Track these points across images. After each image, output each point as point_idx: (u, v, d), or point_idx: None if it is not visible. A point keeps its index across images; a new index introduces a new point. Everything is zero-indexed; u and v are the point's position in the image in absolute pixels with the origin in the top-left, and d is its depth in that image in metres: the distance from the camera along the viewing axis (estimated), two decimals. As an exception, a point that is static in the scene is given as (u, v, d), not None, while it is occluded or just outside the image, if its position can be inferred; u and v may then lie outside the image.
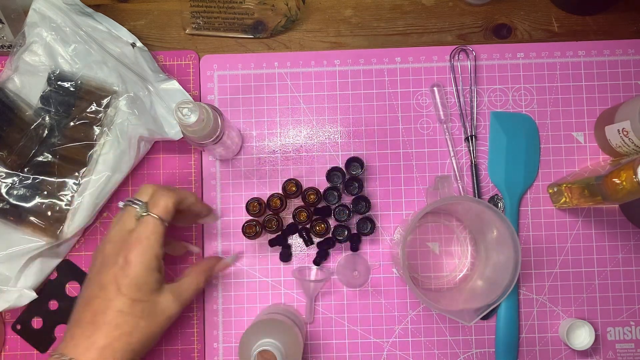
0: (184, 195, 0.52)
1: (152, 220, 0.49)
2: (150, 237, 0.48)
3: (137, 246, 0.48)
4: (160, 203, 0.49)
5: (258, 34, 0.68)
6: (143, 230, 0.48)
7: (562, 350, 0.63)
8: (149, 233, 0.48)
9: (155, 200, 0.50)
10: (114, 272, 0.47)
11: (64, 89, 0.61)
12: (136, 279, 0.47)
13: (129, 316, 0.47)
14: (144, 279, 0.48)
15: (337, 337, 0.63)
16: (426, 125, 0.66)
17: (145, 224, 0.49)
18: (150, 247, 0.48)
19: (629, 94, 0.66)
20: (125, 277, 0.47)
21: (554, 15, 0.68)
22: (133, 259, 0.47)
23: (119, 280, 0.47)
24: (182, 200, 0.52)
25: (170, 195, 0.50)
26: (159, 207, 0.49)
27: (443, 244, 0.65)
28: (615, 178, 0.52)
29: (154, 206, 0.49)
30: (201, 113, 0.50)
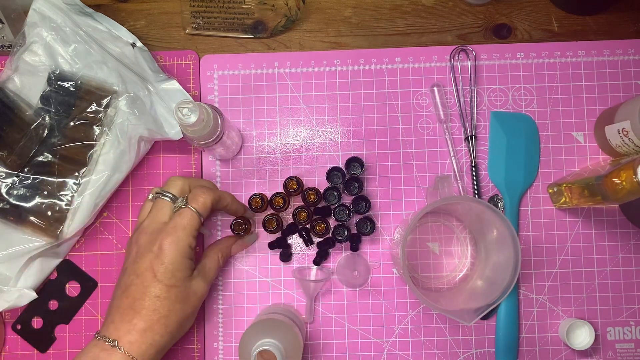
0: (221, 194, 0.55)
1: (190, 213, 0.51)
2: (186, 227, 0.51)
3: (173, 235, 0.51)
4: (200, 199, 0.52)
5: (258, 34, 0.68)
6: (180, 221, 0.51)
7: (562, 350, 0.63)
8: (185, 223, 0.51)
9: (194, 195, 0.53)
10: (150, 259, 0.50)
11: (64, 89, 0.61)
12: (171, 266, 0.50)
13: (165, 300, 0.50)
14: (177, 265, 0.50)
15: (337, 337, 0.63)
16: (426, 125, 0.66)
17: (182, 215, 0.51)
18: (185, 236, 0.51)
19: (629, 94, 0.66)
20: (161, 265, 0.50)
21: (554, 15, 0.68)
22: (167, 246, 0.50)
23: (155, 267, 0.50)
24: (219, 199, 0.55)
25: (209, 193, 0.53)
26: (198, 202, 0.52)
27: (443, 244, 0.65)
28: (615, 178, 0.52)
29: (193, 200, 0.52)
30: (201, 113, 0.50)
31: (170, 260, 0.50)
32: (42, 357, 0.63)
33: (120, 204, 0.65)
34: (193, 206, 0.52)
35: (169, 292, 0.50)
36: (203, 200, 0.52)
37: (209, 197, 0.53)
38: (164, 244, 0.50)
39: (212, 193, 0.53)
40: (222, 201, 0.55)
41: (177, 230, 0.51)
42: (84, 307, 0.64)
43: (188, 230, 0.51)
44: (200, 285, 0.54)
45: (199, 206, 0.52)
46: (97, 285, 0.64)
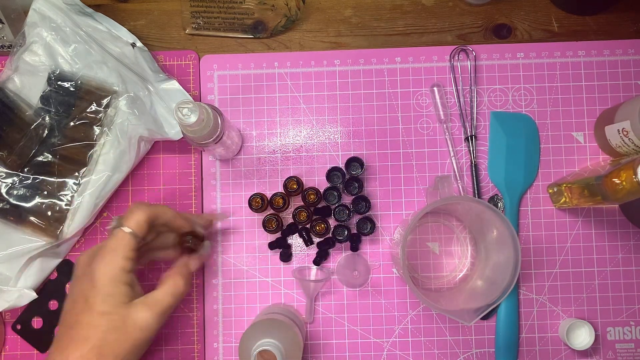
0: (160, 210, 0.51)
1: (121, 234, 0.48)
2: (117, 249, 0.47)
3: (104, 258, 0.47)
4: (133, 217, 0.49)
5: (258, 34, 0.68)
6: (110, 243, 0.48)
7: (562, 350, 0.63)
8: (115, 245, 0.48)
9: (128, 213, 0.50)
10: (83, 284, 0.47)
11: (64, 89, 0.61)
12: (102, 291, 0.46)
13: (96, 329, 0.45)
14: (109, 290, 0.46)
15: (337, 337, 0.63)
16: (426, 125, 0.66)
17: (113, 237, 0.48)
18: (116, 259, 0.47)
19: (629, 94, 0.66)
20: (92, 289, 0.46)
21: (553, 15, 0.68)
22: (97, 270, 0.47)
23: (87, 292, 0.47)
24: (156, 215, 0.51)
25: (143, 210, 0.49)
26: (131, 220, 0.49)
27: (443, 244, 0.65)
28: (615, 178, 0.52)
29: (125, 219, 0.49)
30: (201, 113, 0.50)
31: (101, 285, 0.46)
32: (42, 357, 0.63)
33: (120, 204, 0.65)
34: (126, 225, 0.48)
35: (100, 320, 0.46)
36: (136, 218, 0.49)
37: (142, 213, 0.49)
38: (94, 267, 0.47)
39: (147, 209, 0.50)
40: (161, 217, 0.51)
41: (107, 252, 0.47)
42: (84, 307, 0.64)
43: (119, 252, 0.47)
44: (143, 315, 0.47)
45: (132, 225, 0.48)
46: (97, 285, 0.64)
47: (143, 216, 0.49)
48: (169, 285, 0.51)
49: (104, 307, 0.46)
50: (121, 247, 0.48)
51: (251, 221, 0.64)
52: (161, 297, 0.49)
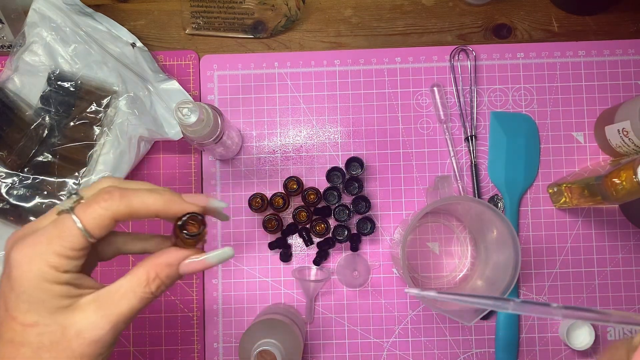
0: (138, 205, 0.33)
1: (69, 224, 0.32)
2: (53, 241, 0.32)
3: (29, 249, 0.32)
4: (94, 208, 0.32)
5: (258, 34, 0.68)
6: (48, 230, 0.32)
7: (562, 350, 0.63)
8: (54, 236, 0.32)
9: (91, 200, 0.33)
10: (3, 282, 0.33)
11: (64, 89, 0.61)
12: (24, 295, 0.31)
13: (23, 348, 0.32)
14: (34, 293, 0.31)
15: (337, 337, 0.63)
16: (426, 125, 0.66)
17: (56, 223, 0.32)
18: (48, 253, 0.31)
19: (629, 94, 0.66)
20: (11, 292, 0.32)
21: (554, 15, 0.68)
22: (17, 264, 0.32)
23: (6, 295, 0.32)
24: (131, 213, 0.33)
25: (113, 201, 0.33)
26: (88, 213, 0.32)
27: (443, 244, 0.65)
28: (615, 178, 0.52)
29: (85, 207, 0.32)
30: (201, 113, 0.50)
31: (22, 285, 0.31)
32: (42, 357, 0.63)
33: (120, 204, 0.65)
34: (79, 215, 0.32)
35: (27, 333, 0.32)
36: (98, 212, 0.32)
37: (110, 207, 0.32)
38: (12, 260, 0.32)
39: (119, 203, 0.33)
40: (140, 213, 0.34)
41: (38, 242, 0.32)
42: (84, 307, 0.64)
43: (56, 246, 0.31)
44: (90, 321, 0.32)
45: (89, 218, 0.32)
46: (97, 285, 0.64)
47: (108, 214, 0.32)
48: (136, 279, 0.34)
49: (30, 317, 0.32)
50: (60, 240, 0.32)
51: (251, 221, 0.64)
52: (120, 294, 0.34)
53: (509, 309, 0.36)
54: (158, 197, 0.34)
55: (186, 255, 0.36)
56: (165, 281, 0.35)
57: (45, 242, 0.32)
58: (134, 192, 0.33)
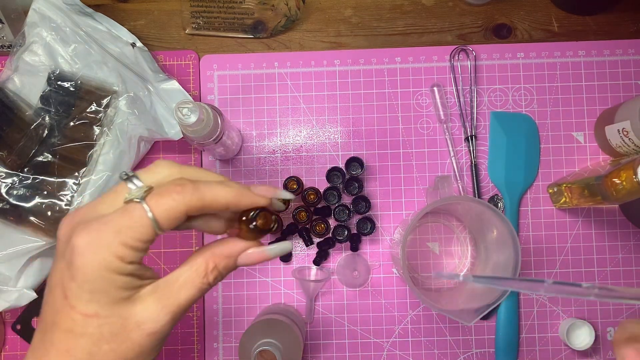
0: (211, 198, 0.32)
1: (140, 213, 0.31)
2: (122, 231, 0.30)
3: (94, 236, 0.30)
4: (167, 199, 0.31)
5: (258, 34, 0.68)
6: (117, 219, 0.31)
7: (562, 350, 0.63)
8: (124, 226, 0.30)
9: (163, 190, 0.31)
10: (61, 268, 0.31)
11: (64, 89, 0.61)
12: (87, 284, 0.30)
13: (82, 338, 0.31)
14: (99, 284, 0.30)
15: (337, 337, 0.63)
16: (426, 125, 0.66)
17: (126, 212, 0.31)
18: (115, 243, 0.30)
19: (629, 94, 0.66)
20: (72, 280, 0.30)
21: (554, 15, 0.68)
22: (80, 253, 0.30)
23: (65, 282, 0.31)
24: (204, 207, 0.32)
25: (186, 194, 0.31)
26: (161, 203, 0.31)
27: (443, 244, 0.65)
28: (615, 178, 0.52)
29: (156, 197, 0.31)
30: (201, 113, 0.50)
31: (85, 274, 0.30)
32: (42, 357, 0.63)
33: (120, 204, 0.65)
34: (151, 206, 0.31)
35: (87, 325, 0.31)
36: (171, 203, 0.31)
37: (183, 199, 0.31)
38: (76, 247, 0.30)
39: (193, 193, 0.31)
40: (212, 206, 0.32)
41: (105, 230, 0.30)
42: (84, 307, 0.64)
43: (124, 236, 0.30)
44: (150, 313, 0.32)
45: (161, 210, 0.31)
46: (97, 285, 0.64)
47: (182, 203, 0.31)
48: (194, 269, 0.34)
49: (92, 307, 0.31)
50: (130, 230, 0.30)
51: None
52: (179, 285, 0.33)
53: (540, 290, 0.36)
54: (229, 189, 0.33)
55: (247, 246, 0.35)
56: (223, 272, 0.35)
57: (113, 231, 0.30)
58: (205, 185, 0.32)
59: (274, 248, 0.36)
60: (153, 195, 0.31)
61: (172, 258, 0.64)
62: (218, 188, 0.33)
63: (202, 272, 0.33)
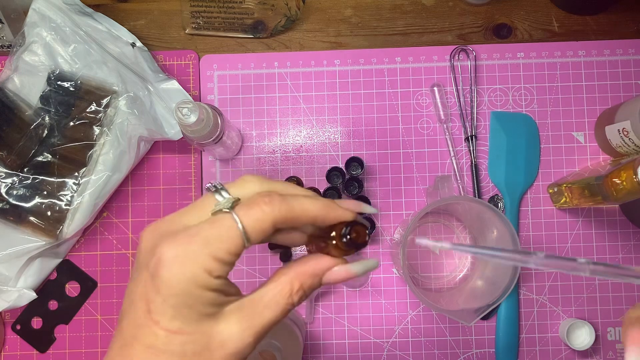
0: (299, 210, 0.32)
1: (229, 224, 0.30)
2: (211, 242, 0.29)
3: (182, 248, 0.29)
4: (256, 210, 0.30)
5: (258, 33, 0.68)
6: (206, 230, 0.30)
7: (562, 350, 0.63)
8: (213, 237, 0.29)
9: (252, 202, 0.31)
10: (145, 281, 0.30)
11: (64, 88, 0.61)
12: (173, 299, 0.29)
13: (164, 355, 0.30)
14: (185, 299, 0.29)
15: (337, 337, 0.63)
16: (426, 125, 0.66)
17: (214, 223, 0.30)
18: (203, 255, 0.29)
19: (629, 93, 0.66)
20: (157, 294, 0.29)
21: (554, 15, 0.68)
22: (167, 266, 0.29)
23: (149, 296, 0.30)
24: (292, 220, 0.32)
25: (275, 205, 0.31)
26: (251, 214, 0.30)
27: (443, 244, 0.65)
28: (615, 178, 0.52)
29: (245, 208, 0.30)
30: (201, 113, 0.50)
31: (172, 288, 0.29)
32: (41, 358, 0.63)
33: (120, 204, 0.65)
34: (240, 216, 0.30)
35: (170, 342, 0.30)
36: (260, 215, 0.30)
37: (272, 211, 0.30)
38: (163, 259, 0.29)
39: (282, 206, 0.31)
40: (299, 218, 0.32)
41: (194, 243, 0.29)
42: (84, 308, 0.64)
43: (213, 248, 0.29)
44: (234, 332, 0.31)
45: (250, 221, 0.30)
46: (97, 285, 0.64)
47: (271, 215, 0.31)
48: (279, 289, 0.33)
49: (176, 323, 0.30)
50: (219, 241, 0.29)
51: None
52: (264, 304, 0.33)
53: (530, 263, 0.32)
54: (317, 202, 0.32)
55: (333, 264, 0.34)
56: (307, 292, 0.34)
57: (202, 242, 0.29)
58: (293, 197, 0.32)
59: (358, 265, 0.35)
60: (242, 207, 0.31)
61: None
62: (306, 201, 0.32)
63: (287, 293, 0.33)
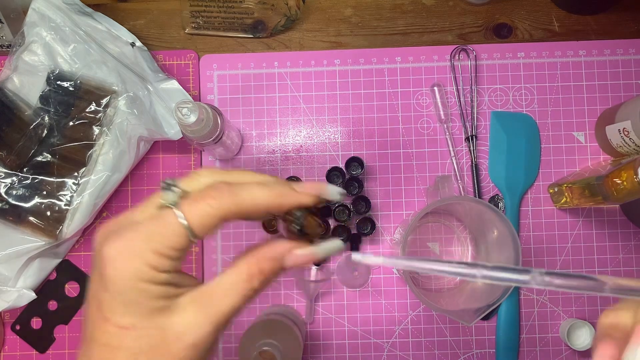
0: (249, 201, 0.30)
1: (171, 220, 0.29)
2: (153, 238, 0.29)
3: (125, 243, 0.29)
4: (202, 204, 0.30)
5: (258, 33, 0.67)
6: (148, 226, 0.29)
7: (562, 350, 0.63)
8: (155, 233, 0.29)
9: (200, 195, 0.30)
10: (95, 279, 0.30)
11: (64, 88, 0.61)
12: (120, 295, 0.29)
13: (119, 352, 0.29)
14: (132, 295, 0.29)
15: (337, 337, 0.63)
16: (426, 125, 0.66)
17: (158, 219, 0.30)
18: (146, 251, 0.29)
19: (630, 93, 0.66)
20: (105, 292, 0.29)
21: (554, 14, 0.68)
22: (110, 262, 0.29)
23: (99, 294, 0.29)
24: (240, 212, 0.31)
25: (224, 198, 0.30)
26: (196, 208, 0.30)
27: (443, 244, 0.64)
28: (615, 178, 0.52)
29: (191, 203, 0.30)
30: (201, 113, 0.50)
31: (117, 284, 0.29)
32: (41, 358, 0.63)
33: (120, 204, 0.65)
34: (185, 211, 0.29)
35: (123, 337, 0.29)
36: (205, 209, 0.29)
37: (219, 205, 0.30)
38: (106, 257, 0.29)
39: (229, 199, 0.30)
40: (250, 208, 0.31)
41: (135, 238, 0.29)
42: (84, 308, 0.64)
43: (155, 243, 0.29)
44: (190, 323, 0.30)
45: (194, 215, 0.29)
46: (97, 285, 0.64)
47: (216, 213, 0.30)
48: (236, 274, 0.31)
49: (127, 319, 0.29)
50: (161, 238, 0.29)
51: (251, 221, 0.64)
52: (221, 292, 0.31)
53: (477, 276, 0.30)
54: (268, 191, 0.31)
55: (292, 247, 0.33)
56: (269, 276, 0.32)
57: (144, 238, 0.29)
58: (242, 187, 0.31)
59: (322, 248, 0.34)
60: (187, 201, 0.30)
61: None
62: (257, 191, 0.31)
63: (245, 277, 0.31)
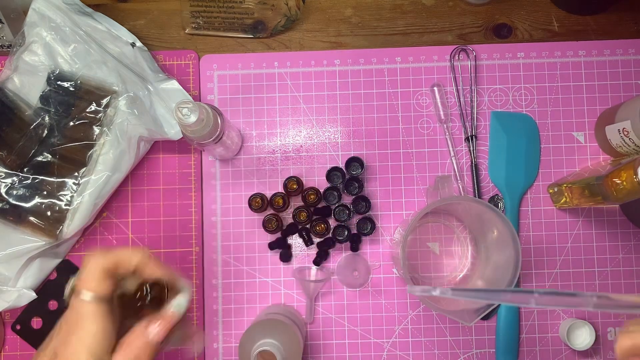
0: (121, 257, 0.38)
1: (80, 304, 0.36)
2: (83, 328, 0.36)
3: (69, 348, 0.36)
4: (88, 274, 0.37)
5: (258, 33, 0.67)
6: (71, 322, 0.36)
7: (562, 350, 0.63)
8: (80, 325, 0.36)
9: (81, 272, 0.37)
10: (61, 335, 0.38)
11: (64, 88, 0.61)
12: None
13: None
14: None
15: (337, 337, 0.63)
16: (426, 125, 0.66)
17: (73, 311, 0.37)
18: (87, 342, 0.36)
19: (630, 93, 0.66)
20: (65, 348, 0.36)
21: (554, 15, 0.68)
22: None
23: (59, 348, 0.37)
24: (116, 263, 0.38)
25: (97, 260, 0.37)
26: (88, 280, 0.37)
27: (443, 244, 0.65)
28: (615, 178, 0.52)
29: (81, 282, 0.37)
30: (201, 113, 0.50)
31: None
32: (41, 358, 0.63)
33: (120, 204, 0.65)
34: (84, 289, 0.37)
35: None
36: (93, 275, 0.37)
37: (97, 265, 0.37)
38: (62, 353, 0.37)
39: (102, 259, 0.38)
40: (125, 262, 0.39)
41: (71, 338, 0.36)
42: (84, 308, 0.63)
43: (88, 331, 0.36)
44: None
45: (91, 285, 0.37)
46: (97, 285, 0.64)
47: (98, 268, 0.37)
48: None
49: None
50: (87, 324, 0.36)
51: (251, 221, 0.64)
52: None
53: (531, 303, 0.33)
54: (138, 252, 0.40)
55: (147, 330, 0.38)
56: (151, 356, 0.38)
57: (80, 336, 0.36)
58: (115, 250, 0.39)
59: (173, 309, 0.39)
60: (79, 282, 0.37)
61: (171, 257, 0.64)
62: (128, 252, 0.39)
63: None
